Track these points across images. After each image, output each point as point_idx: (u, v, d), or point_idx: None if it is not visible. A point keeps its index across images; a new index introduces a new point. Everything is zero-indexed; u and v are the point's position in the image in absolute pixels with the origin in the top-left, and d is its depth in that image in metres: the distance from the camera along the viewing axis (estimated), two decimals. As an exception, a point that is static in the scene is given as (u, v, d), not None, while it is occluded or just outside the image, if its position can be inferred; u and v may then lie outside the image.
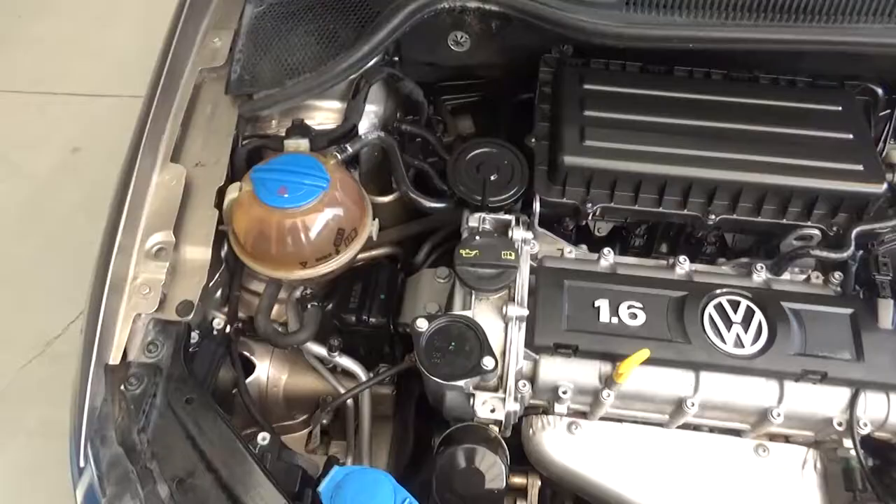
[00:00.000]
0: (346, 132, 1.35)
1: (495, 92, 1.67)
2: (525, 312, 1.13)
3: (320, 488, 0.99)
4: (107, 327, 1.11)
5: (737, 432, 1.22)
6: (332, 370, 1.41)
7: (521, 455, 1.23)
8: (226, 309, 1.34)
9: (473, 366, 1.08)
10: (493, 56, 1.51)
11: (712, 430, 1.23)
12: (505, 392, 1.11)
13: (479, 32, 1.44)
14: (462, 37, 1.45)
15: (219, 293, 1.36)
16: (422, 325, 1.11)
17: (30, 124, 3.04)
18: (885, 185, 1.19)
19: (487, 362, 1.08)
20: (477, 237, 1.17)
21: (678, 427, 1.21)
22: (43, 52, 3.29)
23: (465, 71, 1.61)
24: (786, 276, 1.24)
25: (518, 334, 1.13)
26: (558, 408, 1.17)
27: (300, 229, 1.19)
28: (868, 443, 1.24)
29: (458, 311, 1.16)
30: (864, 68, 1.41)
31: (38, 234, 2.66)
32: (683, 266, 1.23)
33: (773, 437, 1.22)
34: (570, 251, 1.27)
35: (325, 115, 1.41)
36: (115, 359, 1.10)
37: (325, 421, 1.43)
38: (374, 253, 1.47)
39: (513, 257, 1.14)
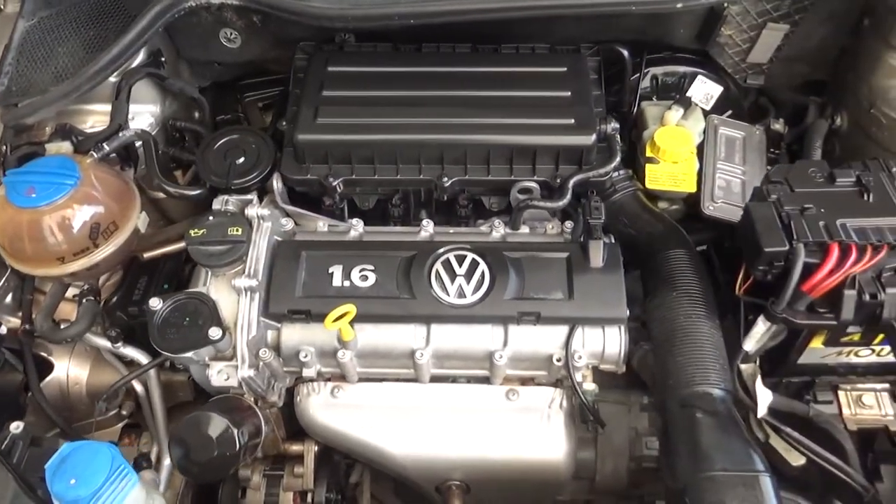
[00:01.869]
0: (113, 133, 1.40)
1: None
2: (254, 283, 1.19)
3: (46, 465, 1.04)
4: None
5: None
6: (131, 363, 1.46)
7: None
8: (20, 313, 1.40)
9: (202, 337, 1.14)
10: (272, 50, 1.57)
11: (469, 380, 1.30)
12: (238, 360, 1.17)
13: (244, 28, 1.49)
14: (231, 33, 1.51)
15: (10, 297, 1.41)
16: (155, 304, 1.17)
17: None
18: (593, 137, 1.27)
19: (213, 332, 1.14)
20: (210, 217, 1.23)
21: (433, 381, 1.28)
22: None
23: (255, 67, 1.67)
24: (524, 229, 1.32)
25: (250, 304, 1.19)
26: (306, 372, 1.24)
27: (50, 226, 1.25)
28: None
29: (199, 288, 1.22)
30: (612, 32, 1.50)
31: None
32: (427, 229, 1.30)
33: (524, 382, 1.30)
34: (324, 226, 1.34)
35: (96, 118, 1.46)
36: None
37: (125, 412, 1.49)
38: (171, 248, 1.52)
39: (240, 233, 1.20)
